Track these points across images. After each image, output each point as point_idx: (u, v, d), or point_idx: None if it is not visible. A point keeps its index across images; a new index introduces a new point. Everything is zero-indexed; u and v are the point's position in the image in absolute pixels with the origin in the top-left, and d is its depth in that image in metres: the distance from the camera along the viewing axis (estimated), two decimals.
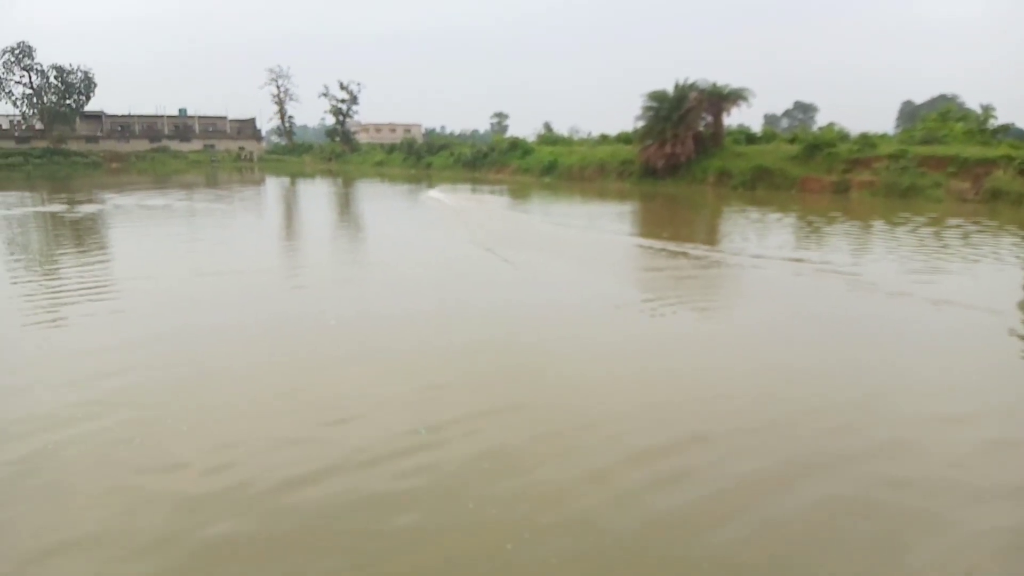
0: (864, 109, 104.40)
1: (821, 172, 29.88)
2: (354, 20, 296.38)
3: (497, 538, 4.11)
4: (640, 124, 37.29)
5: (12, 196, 31.37)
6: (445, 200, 27.89)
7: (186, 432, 5.54)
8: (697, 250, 14.77)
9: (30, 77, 71.08)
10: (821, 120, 76.81)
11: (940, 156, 27.39)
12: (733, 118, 38.15)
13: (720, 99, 35.52)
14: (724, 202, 26.59)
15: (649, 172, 35.72)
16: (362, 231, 20.11)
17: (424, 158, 60.82)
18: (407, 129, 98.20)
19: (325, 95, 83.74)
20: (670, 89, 35.79)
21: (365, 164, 68.24)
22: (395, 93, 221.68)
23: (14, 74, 70.58)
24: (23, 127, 74.94)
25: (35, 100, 72.11)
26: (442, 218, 22.23)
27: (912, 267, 12.78)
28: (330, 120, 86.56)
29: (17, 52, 69.88)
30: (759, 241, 16.42)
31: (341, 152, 79.05)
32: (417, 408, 6.02)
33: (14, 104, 72.16)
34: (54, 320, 9.19)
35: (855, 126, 33.46)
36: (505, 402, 6.18)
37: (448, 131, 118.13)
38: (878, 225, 19.04)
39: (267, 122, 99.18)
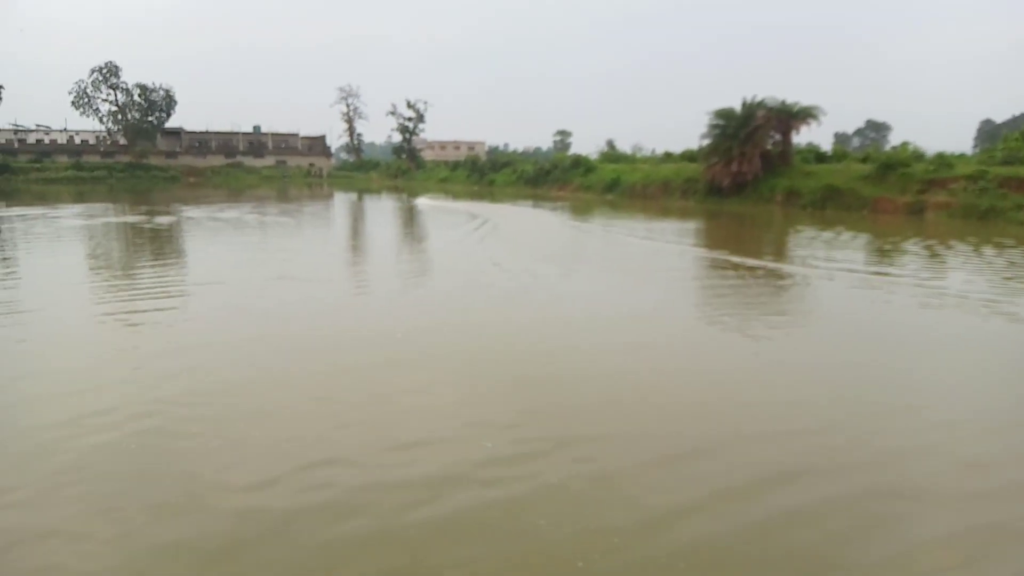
0: (940, 128, 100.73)
1: (895, 193, 28.88)
2: (422, 37, 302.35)
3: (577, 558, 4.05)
4: (705, 142, 36.80)
5: (97, 207, 33.00)
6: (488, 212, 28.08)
7: (242, 440, 5.60)
8: (787, 267, 14.44)
9: (116, 95, 74.92)
10: (894, 139, 74.58)
11: (1022, 177, 26.18)
12: (802, 136, 37.25)
13: (789, 117, 34.79)
14: (798, 221, 25.96)
15: (714, 190, 35.19)
16: (425, 243, 20.36)
17: (487, 175, 61.40)
18: (471, 147, 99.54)
19: (393, 113, 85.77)
20: (737, 107, 35.29)
21: (429, 181, 69.29)
22: (460, 111, 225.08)
23: (101, 92, 74.51)
24: (108, 142, 78.92)
25: (120, 117, 75.88)
26: (502, 230, 22.36)
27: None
28: (397, 138, 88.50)
29: (104, 71, 73.76)
30: (859, 260, 15.92)
31: (407, 169, 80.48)
32: (491, 425, 5.98)
33: (100, 120, 76.18)
34: (128, 322, 9.58)
35: (931, 146, 32.36)
36: (586, 428, 6.04)
37: (511, 148, 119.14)
38: (970, 249, 18.27)
39: (336, 139, 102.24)
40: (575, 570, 3.87)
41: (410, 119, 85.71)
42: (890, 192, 29.00)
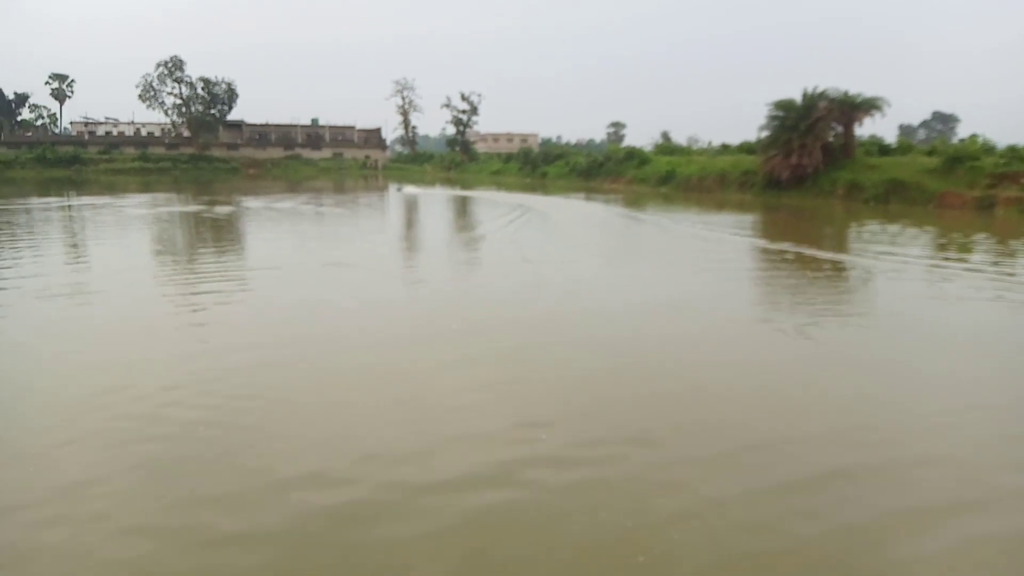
0: (1013, 120, 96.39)
1: (962, 187, 27.75)
2: (476, 28, 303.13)
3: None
4: (764, 134, 35.97)
5: (161, 197, 34.08)
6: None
7: (297, 432, 5.66)
8: (860, 261, 14.05)
9: (180, 88, 77.06)
10: (963, 132, 71.63)
11: None
12: (865, 128, 36.02)
13: (851, 108, 33.73)
14: (862, 215, 25.19)
15: (773, 183, 34.39)
16: (476, 233, 20.42)
17: (540, 167, 61.18)
18: (524, 139, 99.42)
19: (447, 106, 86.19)
20: (798, 98, 34.40)
21: (482, 173, 69.45)
22: (514, 103, 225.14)
23: (167, 86, 76.73)
24: (172, 134, 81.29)
25: (184, 110, 78.05)
26: (554, 224, 22.28)
27: None
28: (451, 130, 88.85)
29: (170, 65, 75.90)
30: (929, 254, 15.42)
31: (460, 161, 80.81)
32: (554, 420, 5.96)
33: (165, 113, 78.52)
34: (189, 305, 9.86)
35: (1002, 138, 30.98)
36: (645, 421, 6.00)
37: (564, 141, 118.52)
38: None
39: (392, 132, 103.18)
40: (636, 564, 3.82)
41: (464, 111, 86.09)
42: (957, 186, 27.90)
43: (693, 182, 40.06)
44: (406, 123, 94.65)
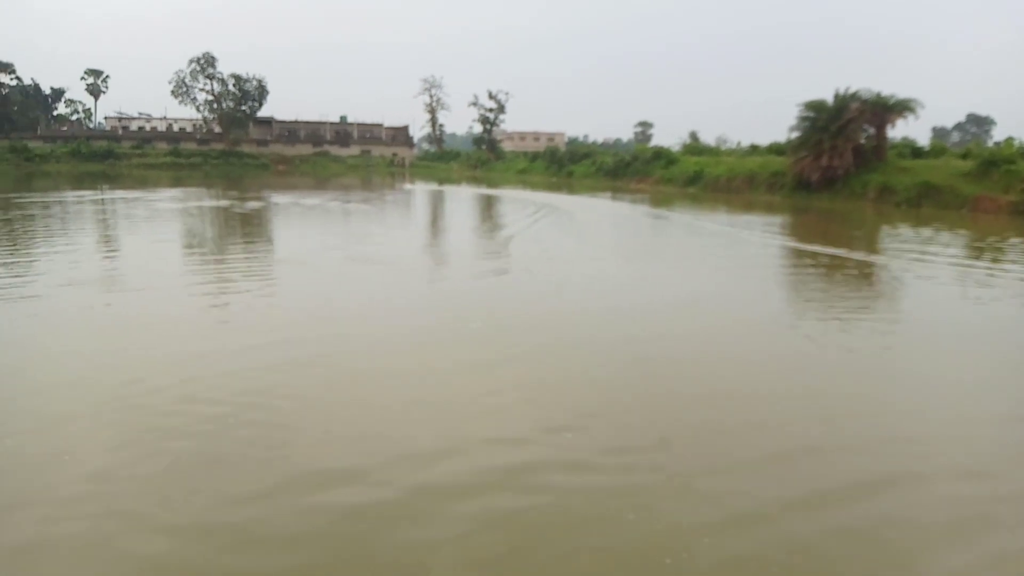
0: None
1: (998, 191, 27.14)
2: (503, 25, 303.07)
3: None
4: (794, 135, 35.55)
5: (192, 191, 34.57)
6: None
7: (321, 431, 5.72)
8: (894, 263, 13.84)
9: (212, 85, 78.02)
10: (998, 134, 70.24)
11: None
12: (898, 130, 35.45)
13: (884, 110, 33.19)
14: (893, 218, 24.79)
15: (802, 185, 33.96)
16: (500, 231, 20.42)
17: (566, 166, 61.05)
18: (550, 138, 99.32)
19: (474, 104, 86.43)
20: (829, 98, 33.93)
21: (508, 172, 69.46)
22: (540, 102, 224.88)
23: (199, 82, 77.75)
24: (204, 130, 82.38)
25: (215, 106, 79.05)
26: (580, 221, 22.21)
27: None
28: (478, 128, 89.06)
29: (202, 62, 76.89)
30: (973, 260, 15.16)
31: (486, 160, 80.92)
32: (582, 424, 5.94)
33: (197, 109, 79.61)
34: (214, 298, 9.97)
35: None
36: (675, 423, 5.98)
37: (591, 140, 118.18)
38: None
39: (419, 130, 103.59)
40: (662, 567, 3.77)
41: (491, 110, 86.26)
42: (992, 190, 27.31)
43: (721, 183, 39.70)
44: (433, 121, 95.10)
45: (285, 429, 5.40)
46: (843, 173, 32.54)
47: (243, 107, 79.72)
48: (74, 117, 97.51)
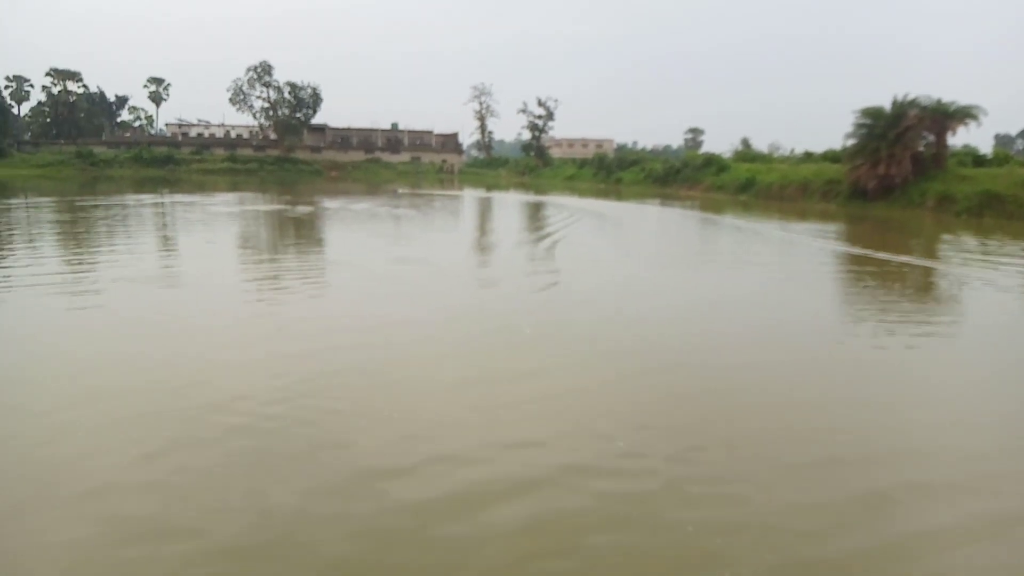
0: None
1: None
2: (554, 33, 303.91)
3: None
4: (850, 142, 34.75)
5: (247, 196, 35.49)
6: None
7: (373, 427, 5.79)
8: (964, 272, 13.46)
9: (268, 92, 79.83)
10: None
11: None
12: (958, 138, 34.31)
13: (944, 117, 32.23)
14: (954, 228, 24.03)
15: (858, 193, 33.18)
16: (548, 236, 20.43)
17: (614, 173, 60.79)
18: (599, 144, 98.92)
19: (523, 111, 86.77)
20: (887, 105, 33.13)
21: (556, 178, 69.42)
22: (589, 108, 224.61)
23: (255, 90, 79.60)
24: (260, 137, 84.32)
25: (271, 113, 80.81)
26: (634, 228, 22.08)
27: None
28: (526, 135, 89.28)
29: (259, 70, 78.75)
30: None
31: (534, 166, 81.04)
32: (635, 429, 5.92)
33: (254, 116, 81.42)
34: (263, 299, 10.22)
35: None
36: (727, 428, 5.94)
37: (640, 146, 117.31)
38: None
39: (468, 136, 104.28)
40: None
41: (540, 117, 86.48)
42: None
43: (774, 190, 39.03)
44: (482, 128, 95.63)
45: (336, 432, 5.51)
46: (901, 181, 31.71)
47: (298, 114, 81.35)
48: (136, 124, 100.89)
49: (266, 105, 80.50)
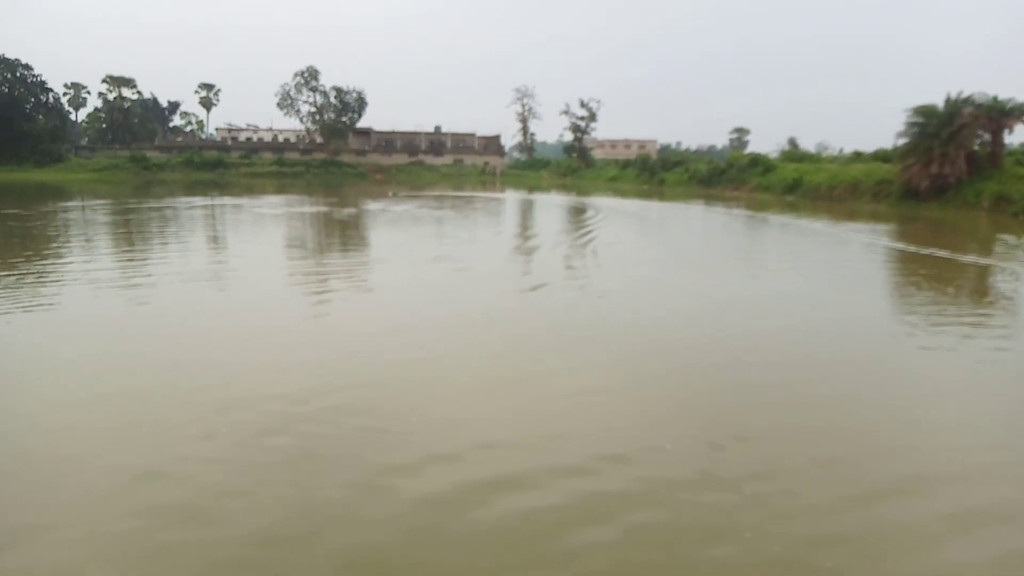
0: None
1: None
2: (596, 34, 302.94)
3: None
4: (902, 141, 33.84)
5: (294, 198, 36.20)
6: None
7: (415, 424, 5.87)
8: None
9: (314, 97, 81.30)
10: None
11: None
12: (1016, 136, 33.24)
13: (1001, 115, 31.16)
14: (1011, 230, 23.28)
15: (910, 193, 32.30)
16: (590, 238, 20.36)
17: (657, 174, 60.23)
18: (642, 145, 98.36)
19: (566, 113, 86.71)
20: (940, 103, 32.22)
21: (599, 179, 69.08)
22: (633, 109, 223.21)
23: (302, 94, 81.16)
24: (307, 140, 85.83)
25: (317, 117, 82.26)
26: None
27: None
28: (568, 136, 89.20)
29: (306, 75, 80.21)
30: None
31: (576, 168, 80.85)
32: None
33: (300, 120, 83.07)
34: (309, 298, 10.40)
35: None
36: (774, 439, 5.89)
37: (684, 147, 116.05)
38: None
39: (511, 138, 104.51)
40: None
41: (582, 118, 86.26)
42: None
43: (822, 191, 38.24)
44: (524, 130, 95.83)
45: (386, 432, 5.57)
46: (955, 181, 30.79)
47: (343, 118, 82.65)
48: (188, 128, 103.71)
49: (312, 109, 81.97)
